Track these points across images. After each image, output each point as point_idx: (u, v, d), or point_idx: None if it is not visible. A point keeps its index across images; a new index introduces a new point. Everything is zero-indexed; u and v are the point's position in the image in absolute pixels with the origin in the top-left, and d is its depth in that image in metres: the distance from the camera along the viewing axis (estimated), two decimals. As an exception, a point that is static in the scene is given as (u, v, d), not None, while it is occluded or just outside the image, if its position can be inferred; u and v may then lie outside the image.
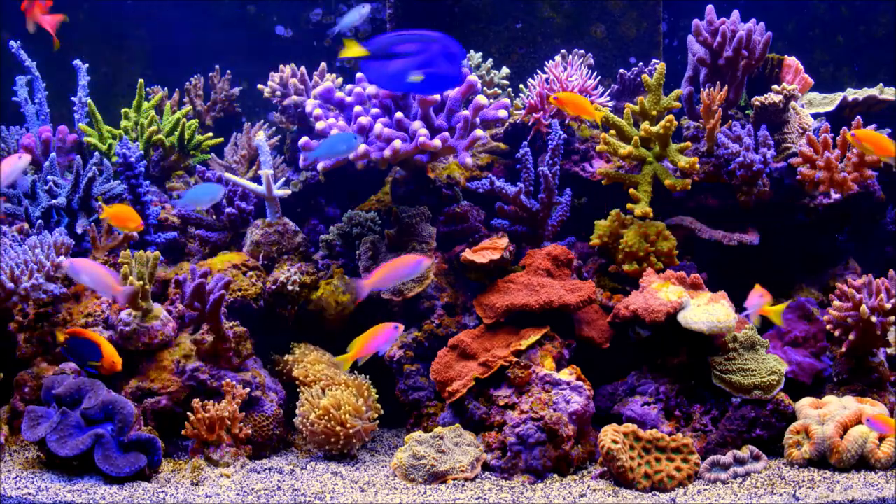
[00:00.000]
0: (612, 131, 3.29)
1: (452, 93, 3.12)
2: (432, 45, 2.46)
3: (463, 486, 2.62)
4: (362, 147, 3.01)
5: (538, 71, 3.66)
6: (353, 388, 2.97)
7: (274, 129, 4.13)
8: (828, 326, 2.95)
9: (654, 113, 3.28)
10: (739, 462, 2.64)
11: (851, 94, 3.57)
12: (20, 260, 2.90)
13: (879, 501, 2.33)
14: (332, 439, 2.85)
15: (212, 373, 2.92)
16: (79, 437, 2.57)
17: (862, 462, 2.57)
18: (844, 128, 3.10)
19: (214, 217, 3.55)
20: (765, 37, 3.35)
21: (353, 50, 2.48)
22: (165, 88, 4.27)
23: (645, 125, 3.20)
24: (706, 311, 2.84)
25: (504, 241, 3.16)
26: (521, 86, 3.76)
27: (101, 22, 4.83)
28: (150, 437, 2.63)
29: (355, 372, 3.08)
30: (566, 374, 2.80)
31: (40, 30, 3.39)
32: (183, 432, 2.80)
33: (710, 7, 3.39)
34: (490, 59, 4.09)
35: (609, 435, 2.59)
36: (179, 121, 3.83)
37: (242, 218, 3.49)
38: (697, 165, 3.18)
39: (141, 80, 3.92)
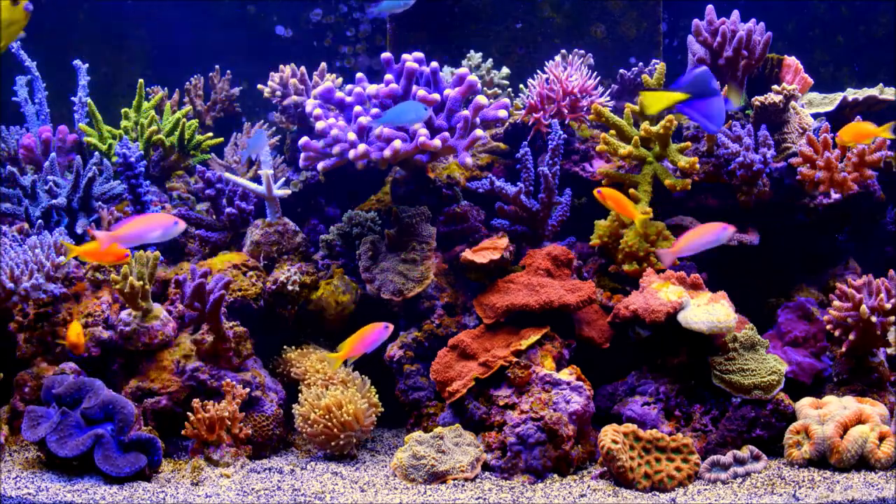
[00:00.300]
0: (612, 131, 3.29)
1: (452, 93, 3.12)
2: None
3: (463, 486, 2.62)
4: (362, 147, 3.01)
5: (538, 71, 3.66)
6: (353, 388, 2.97)
7: (274, 129, 4.13)
8: (828, 326, 2.95)
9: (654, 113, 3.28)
10: (739, 462, 2.64)
11: (851, 94, 3.57)
12: (20, 260, 2.90)
13: (879, 501, 2.33)
14: (333, 439, 2.85)
15: (212, 373, 2.92)
16: (79, 438, 2.57)
17: (862, 462, 2.57)
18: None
19: (214, 217, 3.55)
20: (765, 37, 3.35)
21: (670, 97, 2.39)
22: (165, 88, 4.27)
23: (645, 125, 3.20)
24: (706, 311, 2.84)
25: (504, 241, 3.16)
26: (521, 86, 3.76)
27: (101, 22, 4.83)
28: (150, 437, 2.63)
29: (356, 371, 3.08)
30: (566, 374, 2.81)
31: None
32: (183, 432, 2.80)
33: (710, 7, 3.39)
34: (490, 59, 4.09)
35: (609, 435, 2.59)
36: (179, 121, 3.83)
37: (242, 218, 3.49)
38: (697, 165, 3.18)
39: (141, 80, 3.92)
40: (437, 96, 3.07)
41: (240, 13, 4.85)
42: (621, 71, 3.91)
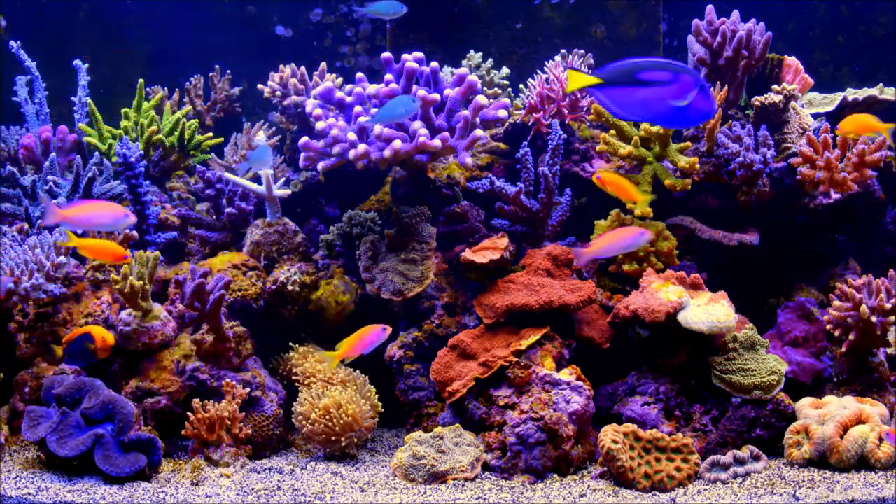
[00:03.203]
0: (612, 131, 3.29)
1: (452, 93, 3.12)
2: (684, 76, 2.34)
3: (463, 486, 2.62)
4: (362, 147, 3.01)
5: (538, 71, 3.66)
6: (353, 388, 2.97)
7: (274, 129, 4.13)
8: (828, 326, 2.95)
9: (654, 113, 3.28)
10: (739, 462, 2.64)
11: (851, 94, 3.57)
12: (20, 260, 2.90)
13: (879, 501, 2.33)
14: (333, 439, 2.85)
15: (212, 373, 2.92)
16: (79, 437, 2.57)
17: (862, 462, 2.57)
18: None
19: (214, 217, 3.55)
20: (765, 37, 3.35)
21: (582, 79, 2.41)
22: (165, 88, 4.26)
23: (645, 125, 3.20)
24: (706, 311, 2.84)
25: (504, 241, 3.16)
26: (521, 86, 3.76)
27: (101, 22, 4.83)
28: (150, 437, 2.63)
29: (357, 371, 3.09)
30: (566, 374, 2.80)
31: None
32: (183, 432, 2.80)
33: (710, 7, 3.39)
34: (490, 59, 4.09)
35: (609, 435, 2.59)
36: (179, 121, 3.82)
37: (242, 218, 3.49)
38: (697, 165, 3.18)
39: (141, 80, 3.92)
40: (437, 96, 3.07)
41: (240, 13, 4.85)
42: (621, 71, 3.91)
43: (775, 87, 3.40)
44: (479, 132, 3.05)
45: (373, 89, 3.19)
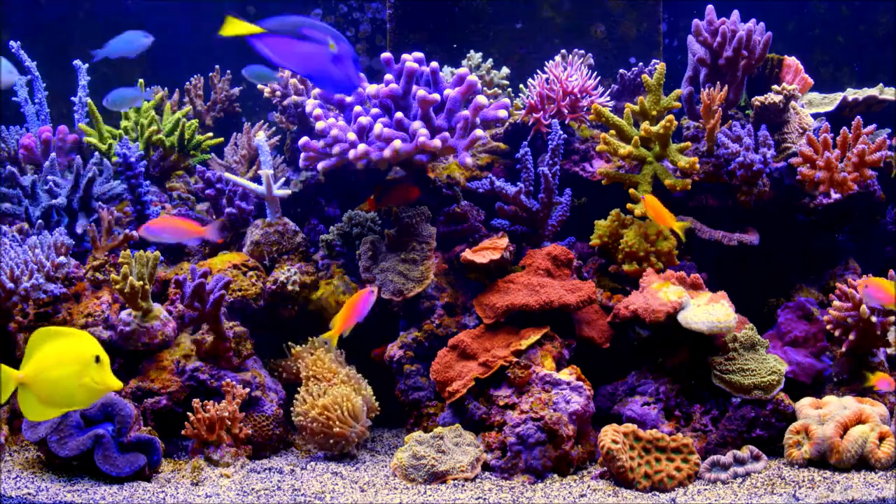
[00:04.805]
0: (612, 131, 3.29)
1: (452, 93, 3.12)
2: (343, 44, 2.47)
3: (463, 486, 2.62)
4: (362, 147, 3.01)
5: (538, 71, 3.66)
6: (352, 387, 2.97)
7: (274, 129, 4.13)
8: (828, 326, 2.95)
9: (654, 113, 3.28)
10: (739, 462, 2.64)
11: (851, 94, 3.57)
12: (20, 260, 2.90)
13: (879, 501, 2.33)
14: (332, 439, 2.85)
15: (212, 373, 2.92)
16: (79, 438, 2.57)
17: (862, 462, 2.57)
18: (844, 128, 3.10)
19: (214, 217, 3.55)
20: (765, 37, 3.35)
21: (242, 27, 2.42)
22: (165, 88, 4.26)
23: (645, 125, 3.20)
24: (706, 311, 2.84)
25: (504, 241, 3.16)
26: (521, 86, 3.76)
27: (101, 22, 4.83)
28: (149, 437, 2.64)
29: (353, 368, 3.08)
30: (566, 374, 2.80)
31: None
32: (183, 432, 2.80)
33: (710, 7, 3.39)
34: (490, 59, 4.09)
35: (609, 435, 2.59)
36: (179, 121, 3.83)
37: (242, 218, 3.49)
38: (697, 165, 3.18)
39: (141, 80, 3.92)
40: (436, 96, 3.07)
41: (240, 13, 4.84)
42: (621, 71, 3.91)
43: (775, 87, 3.40)
44: (479, 132, 3.05)
45: (373, 89, 3.19)
